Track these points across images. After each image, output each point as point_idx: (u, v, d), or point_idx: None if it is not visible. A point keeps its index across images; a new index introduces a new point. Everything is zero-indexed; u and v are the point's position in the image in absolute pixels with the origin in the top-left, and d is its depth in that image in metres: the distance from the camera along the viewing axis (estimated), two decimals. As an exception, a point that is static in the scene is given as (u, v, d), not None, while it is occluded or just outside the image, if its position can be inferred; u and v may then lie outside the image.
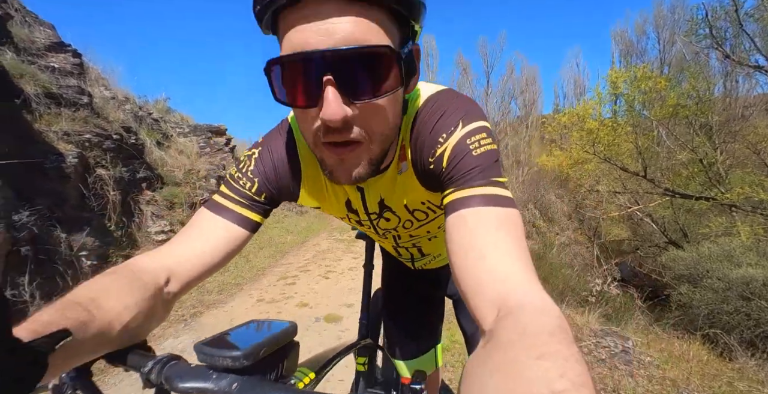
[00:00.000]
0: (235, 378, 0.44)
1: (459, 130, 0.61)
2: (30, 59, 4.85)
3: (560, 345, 0.33)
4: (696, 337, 4.62)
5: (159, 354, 0.50)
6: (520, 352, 0.32)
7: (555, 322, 0.37)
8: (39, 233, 3.40)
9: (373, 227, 0.89)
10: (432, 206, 0.79)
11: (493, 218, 0.53)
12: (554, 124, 11.69)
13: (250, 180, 0.73)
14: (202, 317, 3.86)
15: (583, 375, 0.29)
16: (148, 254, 0.65)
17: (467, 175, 0.58)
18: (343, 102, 0.49)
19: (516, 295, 0.43)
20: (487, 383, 0.32)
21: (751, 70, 8.32)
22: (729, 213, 8.12)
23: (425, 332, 1.32)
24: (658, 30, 18.95)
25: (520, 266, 0.48)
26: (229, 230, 0.69)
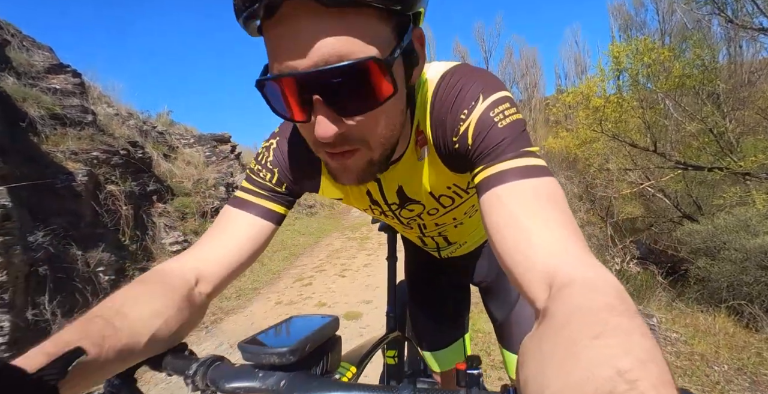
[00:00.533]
0: (283, 375, 0.43)
1: (480, 104, 0.57)
2: (31, 82, 4.91)
3: (621, 318, 0.31)
4: (720, 310, 4.56)
5: (201, 356, 0.50)
6: (578, 330, 0.30)
7: (612, 294, 0.35)
8: (55, 252, 3.46)
9: (397, 218, 0.86)
10: (458, 190, 0.76)
11: (530, 190, 0.50)
12: (558, 105, 11.56)
13: (269, 171, 0.71)
14: (222, 324, 3.91)
15: (651, 349, 0.27)
16: (175, 258, 0.64)
17: (496, 149, 0.55)
18: (334, 119, 0.48)
19: (568, 269, 0.41)
20: (544, 369, 0.29)
21: (756, 33, 8.11)
22: (743, 182, 7.96)
23: (452, 323, 1.32)
24: (656, 1, 18.58)
25: (568, 238, 0.45)
26: (253, 224, 0.68)
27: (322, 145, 0.53)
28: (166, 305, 0.54)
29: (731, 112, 9.13)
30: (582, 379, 0.25)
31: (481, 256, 1.17)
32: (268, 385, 0.43)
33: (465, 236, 1.05)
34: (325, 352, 0.49)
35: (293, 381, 0.42)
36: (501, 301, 1.19)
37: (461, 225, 0.96)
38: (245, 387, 0.43)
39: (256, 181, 0.72)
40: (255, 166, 0.73)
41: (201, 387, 0.46)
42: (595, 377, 0.25)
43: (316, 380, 0.43)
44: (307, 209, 11.13)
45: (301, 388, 0.41)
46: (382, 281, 4.71)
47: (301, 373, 0.44)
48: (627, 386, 0.24)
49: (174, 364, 0.51)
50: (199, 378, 0.46)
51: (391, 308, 1.38)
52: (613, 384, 0.24)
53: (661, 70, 8.73)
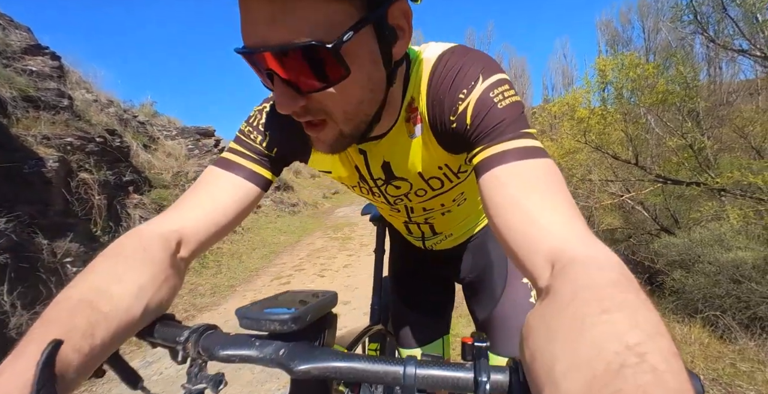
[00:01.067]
0: (282, 344, 0.41)
1: (480, 84, 0.57)
2: (5, 62, 4.69)
3: (626, 294, 0.31)
4: (695, 320, 4.63)
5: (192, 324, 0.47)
6: (584, 307, 0.30)
7: (616, 270, 0.35)
8: (19, 240, 3.27)
9: (383, 195, 0.84)
10: (449, 172, 0.75)
11: (530, 171, 0.51)
12: (544, 114, 11.71)
13: (261, 134, 0.70)
14: (195, 321, 3.78)
15: (657, 323, 0.27)
16: (153, 220, 0.61)
17: (495, 129, 0.55)
18: (291, 95, 0.49)
19: (571, 247, 0.41)
20: (552, 346, 0.29)
21: (735, 55, 8.38)
22: (719, 198, 8.17)
23: (433, 319, 1.27)
24: (642, 19, 19.12)
25: (570, 218, 0.45)
26: (239, 186, 0.66)
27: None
28: (151, 277, 0.51)
29: (710, 130, 9.39)
30: (592, 353, 0.26)
31: (466, 251, 1.16)
32: (266, 353, 0.41)
33: (451, 227, 1.03)
34: (324, 326, 0.48)
35: (293, 350, 0.40)
36: (484, 299, 1.17)
37: (449, 213, 0.95)
38: (242, 355, 0.41)
39: (245, 143, 0.69)
40: (246, 128, 0.71)
41: (192, 355, 0.44)
42: (605, 351, 0.25)
43: (318, 350, 0.41)
44: (290, 207, 10.96)
45: (303, 357, 0.39)
46: (361, 282, 4.68)
47: (302, 343, 0.42)
48: (637, 359, 0.24)
49: (164, 333, 0.48)
50: (191, 346, 0.44)
51: (375, 300, 1.37)
52: (623, 357, 0.24)
53: (645, 86, 8.94)
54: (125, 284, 0.48)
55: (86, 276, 0.49)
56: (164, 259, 0.54)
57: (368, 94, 0.55)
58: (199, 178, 0.68)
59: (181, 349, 0.44)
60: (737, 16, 7.78)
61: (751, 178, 6.80)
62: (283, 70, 0.47)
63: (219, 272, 5.29)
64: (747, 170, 7.05)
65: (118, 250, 0.54)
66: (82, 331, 0.40)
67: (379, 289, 1.39)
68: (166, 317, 0.52)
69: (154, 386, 2.62)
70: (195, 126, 9.53)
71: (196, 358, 0.44)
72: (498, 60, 5.50)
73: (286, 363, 0.39)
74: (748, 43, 7.80)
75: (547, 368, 0.28)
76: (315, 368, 0.39)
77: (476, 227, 1.11)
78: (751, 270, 5.93)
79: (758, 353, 3.51)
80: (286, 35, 0.44)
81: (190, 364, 0.45)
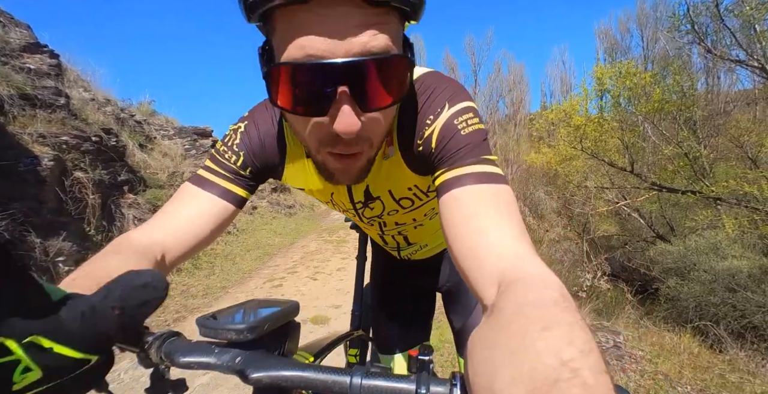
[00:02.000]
0: (239, 352, 0.42)
1: (446, 111, 0.61)
2: (3, 60, 4.69)
3: (564, 314, 0.32)
4: (686, 329, 4.64)
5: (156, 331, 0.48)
6: (525, 324, 0.32)
7: (557, 292, 0.36)
8: (11, 238, 3.27)
9: (358, 216, 0.87)
10: (418, 192, 0.77)
11: (486, 195, 0.53)
12: (541, 121, 11.76)
13: (235, 153, 0.71)
14: (185, 322, 3.76)
15: (589, 342, 0.29)
16: (139, 229, 0.63)
17: (457, 154, 0.58)
18: (357, 113, 0.48)
19: (516, 268, 0.43)
20: (494, 359, 0.31)
21: (732, 65, 8.42)
22: (714, 206, 8.20)
23: (413, 326, 1.29)
24: (641, 28, 19.21)
25: (518, 241, 0.48)
26: (214, 204, 0.68)
27: (332, 146, 0.52)
28: None
29: (706, 139, 9.44)
30: (532, 368, 0.27)
31: (443, 261, 1.19)
32: (223, 361, 0.42)
33: (425, 238, 1.05)
34: (284, 335, 0.49)
35: (249, 358, 0.41)
36: (460, 307, 1.21)
37: (421, 227, 0.97)
38: (200, 362, 0.42)
39: (220, 162, 0.71)
40: (221, 148, 0.72)
41: (155, 361, 0.44)
42: (545, 366, 0.27)
43: (273, 358, 0.42)
44: (286, 209, 10.96)
45: (256, 365, 0.40)
46: (353, 286, 4.65)
47: (259, 352, 0.43)
48: (570, 374, 0.25)
49: (129, 338, 0.47)
50: (154, 352, 0.44)
51: (356, 306, 1.39)
52: (558, 372, 0.26)
53: (642, 94, 8.98)
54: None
55: (96, 265, 0.50)
56: (155, 266, 0.56)
57: (392, 118, 0.58)
58: (176, 194, 0.69)
59: (143, 355, 0.45)
60: (735, 26, 7.82)
61: (746, 188, 6.82)
62: (361, 83, 0.46)
63: (212, 273, 5.27)
64: (743, 179, 7.08)
65: (121, 248, 0.56)
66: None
67: (360, 295, 1.41)
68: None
69: (144, 387, 2.62)
70: (193, 126, 9.52)
71: (159, 363, 0.45)
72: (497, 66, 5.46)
73: (241, 371, 0.40)
74: (746, 54, 7.86)
75: (488, 381, 0.29)
76: (267, 376, 0.40)
77: None
78: (747, 279, 5.94)
79: (748, 363, 3.51)
80: (375, 46, 0.44)
81: (153, 369, 0.46)
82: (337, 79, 0.45)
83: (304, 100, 0.48)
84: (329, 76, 0.45)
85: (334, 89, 0.45)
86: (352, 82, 0.45)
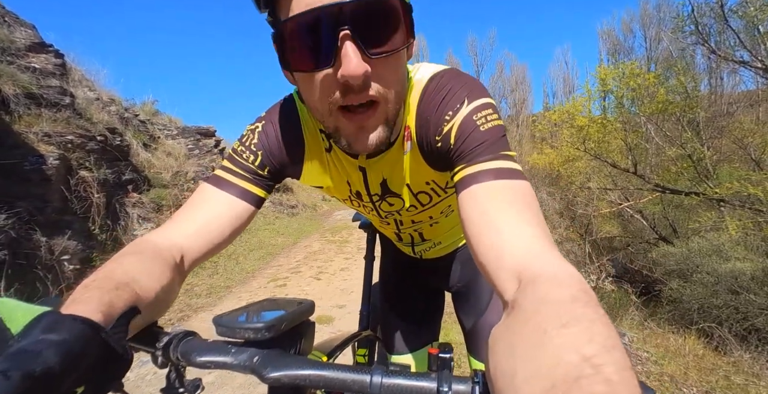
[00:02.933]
0: (256, 351, 0.42)
1: (465, 107, 0.60)
2: (9, 59, 4.71)
3: (585, 309, 0.32)
4: (691, 331, 4.63)
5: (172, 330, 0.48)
6: (545, 320, 0.31)
7: (577, 287, 0.36)
8: (17, 236, 3.28)
9: (376, 210, 0.86)
10: (436, 188, 0.78)
11: (505, 191, 0.53)
12: (544, 122, 11.75)
13: (253, 153, 0.71)
14: (190, 321, 3.77)
15: (612, 338, 0.29)
16: (157, 231, 0.63)
17: (476, 150, 0.58)
18: (363, 56, 0.48)
19: (536, 264, 0.42)
20: (514, 356, 0.30)
21: (736, 66, 8.41)
22: (717, 208, 8.18)
23: (422, 326, 1.29)
24: (644, 28, 19.19)
25: (537, 236, 0.47)
26: (232, 205, 0.67)
27: (344, 96, 0.51)
28: (167, 280, 0.53)
29: (709, 140, 9.41)
30: (551, 364, 0.27)
31: (454, 261, 1.18)
32: (240, 360, 0.42)
33: (440, 235, 1.06)
34: (300, 334, 0.49)
35: (266, 357, 0.41)
36: (471, 307, 1.20)
37: (437, 224, 0.97)
38: (217, 361, 0.42)
39: (238, 162, 0.71)
40: (238, 148, 0.72)
41: (171, 360, 0.44)
42: (565, 362, 0.26)
43: (290, 357, 0.42)
44: (288, 209, 10.97)
45: (274, 364, 0.40)
46: (357, 286, 4.64)
47: (275, 351, 0.43)
48: (592, 370, 0.25)
49: (142, 338, 0.48)
50: (170, 351, 0.44)
51: (365, 306, 1.38)
52: (580, 368, 0.25)
53: (645, 95, 8.97)
54: (151, 279, 0.50)
55: (116, 265, 0.51)
56: (173, 268, 0.56)
57: (405, 77, 0.59)
58: (194, 195, 0.69)
59: (159, 354, 0.45)
60: (738, 27, 7.81)
61: (750, 189, 6.80)
62: (363, 25, 0.47)
63: (215, 273, 5.28)
64: (746, 181, 7.05)
65: (140, 249, 0.56)
66: (125, 302, 0.42)
67: (368, 295, 1.40)
68: (152, 324, 0.53)
69: (147, 386, 2.63)
70: (196, 126, 9.54)
71: (175, 363, 0.45)
72: (499, 67, 5.48)
73: (258, 370, 0.40)
74: (749, 55, 7.84)
75: (509, 378, 0.29)
76: (286, 375, 0.40)
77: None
78: (750, 281, 5.92)
79: (753, 365, 3.50)
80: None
81: (169, 369, 0.46)
82: (338, 22, 0.46)
83: (309, 53, 0.50)
84: (330, 21, 0.46)
85: (336, 34, 0.47)
86: (352, 24, 0.46)
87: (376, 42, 0.49)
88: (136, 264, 0.51)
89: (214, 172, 0.72)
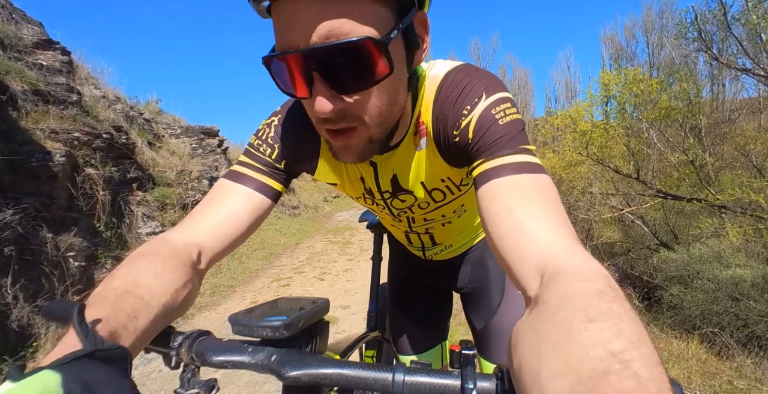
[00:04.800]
0: (274, 350, 0.42)
1: (483, 101, 0.60)
2: (16, 56, 4.73)
3: (611, 304, 0.32)
4: (693, 336, 4.63)
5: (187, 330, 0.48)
6: (571, 315, 0.31)
7: (602, 281, 0.36)
8: (24, 232, 3.29)
9: (388, 208, 0.86)
10: (451, 185, 0.77)
11: (526, 185, 0.53)
12: (547, 126, 11.76)
13: (270, 146, 0.71)
14: (194, 320, 3.78)
15: (640, 332, 0.28)
16: (176, 229, 0.63)
17: (495, 144, 0.57)
18: (332, 96, 0.50)
19: (559, 259, 0.42)
20: (539, 352, 0.30)
21: (738, 73, 8.45)
22: (719, 215, 8.19)
23: (431, 327, 1.29)
24: (647, 34, 19.26)
25: (560, 231, 0.47)
26: (250, 198, 0.67)
27: (323, 123, 0.55)
28: (182, 280, 0.53)
29: (711, 147, 9.44)
30: (578, 360, 0.26)
31: (464, 263, 1.18)
32: (258, 359, 0.41)
33: (451, 238, 1.05)
34: (315, 333, 0.49)
35: (285, 356, 0.41)
36: (481, 309, 1.19)
37: (449, 224, 0.96)
38: (233, 361, 0.42)
39: (255, 156, 0.71)
40: (255, 142, 0.73)
41: (186, 360, 0.44)
42: (591, 358, 0.26)
43: (309, 356, 0.41)
44: (290, 209, 10.98)
45: (294, 363, 0.40)
46: (361, 287, 4.67)
47: (293, 350, 0.43)
48: (621, 365, 0.25)
49: (156, 339, 0.47)
50: (185, 351, 0.44)
51: (373, 307, 1.38)
52: (607, 364, 0.25)
53: (648, 101, 8.99)
54: (163, 281, 0.50)
55: (126, 270, 0.51)
56: (190, 267, 0.57)
57: (399, 97, 0.58)
58: (211, 191, 0.69)
59: (174, 354, 0.45)
60: (741, 35, 7.85)
61: (752, 196, 6.82)
62: (330, 68, 0.49)
63: (219, 272, 5.29)
64: (748, 188, 7.07)
65: (155, 250, 0.56)
66: (127, 312, 0.42)
67: (376, 296, 1.40)
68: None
69: (153, 384, 2.63)
70: (199, 125, 9.53)
71: (189, 363, 0.45)
72: (502, 70, 5.54)
73: (277, 369, 0.40)
74: (752, 62, 7.87)
75: (534, 374, 0.29)
76: (306, 374, 0.39)
77: (475, 238, 1.13)
78: (750, 288, 5.92)
79: (755, 370, 3.51)
80: (338, 32, 0.46)
81: (183, 369, 0.46)
82: (309, 66, 0.49)
83: (292, 86, 0.52)
84: (303, 64, 0.49)
85: (310, 74, 0.49)
86: (321, 68, 0.49)
87: (347, 82, 0.50)
88: (147, 267, 0.51)
89: (230, 168, 0.72)
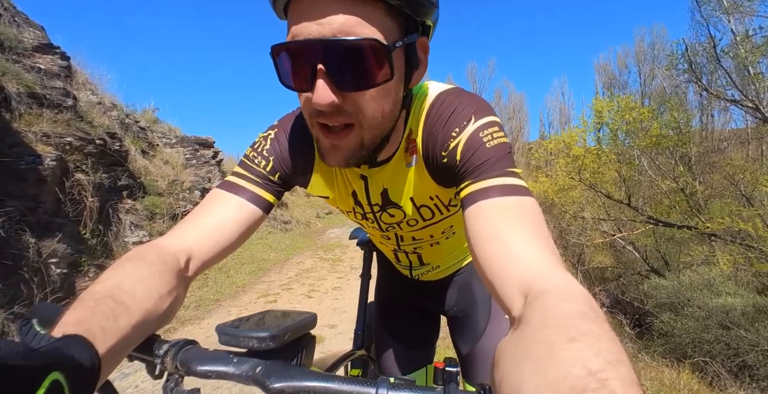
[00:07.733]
0: (259, 362, 0.42)
1: (472, 124, 0.62)
2: (15, 58, 4.71)
3: (591, 325, 0.32)
4: (684, 365, 4.57)
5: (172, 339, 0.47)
6: (552, 335, 0.32)
7: (583, 303, 0.36)
8: (6, 236, 3.19)
9: (377, 221, 0.87)
10: (439, 204, 0.79)
11: (511, 207, 0.54)
12: (540, 150, 11.92)
13: (265, 158, 0.73)
14: (176, 333, 3.65)
15: (618, 352, 0.29)
16: (167, 236, 0.64)
17: (482, 167, 0.59)
18: (333, 90, 0.52)
19: (542, 280, 0.43)
20: (521, 369, 0.31)
21: (727, 104, 8.67)
22: (709, 242, 8.26)
23: (417, 349, 1.26)
24: (638, 64, 19.87)
25: (544, 252, 0.48)
26: (242, 208, 0.68)
27: (317, 116, 0.56)
28: (168, 287, 0.53)
29: (701, 175, 9.60)
30: (558, 377, 0.27)
31: (451, 285, 1.18)
32: (243, 370, 0.41)
33: (439, 259, 1.06)
34: (301, 347, 0.49)
35: (270, 368, 0.41)
36: (467, 333, 1.18)
37: (437, 245, 0.97)
38: (218, 371, 0.42)
39: (250, 167, 0.73)
40: (251, 153, 0.75)
41: (170, 369, 0.43)
42: (570, 376, 0.27)
43: (294, 369, 0.41)
44: (282, 224, 10.86)
45: (278, 375, 0.40)
46: (349, 306, 4.57)
47: (278, 362, 0.42)
48: (598, 384, 0.25)
49: (140, 347, 0.46)
50: (169, 360, 0.43)
51: (360, 326, 1.36)
52: (586, 382, 0.26)
53: (640, 129, 9.18)
54: (147, 287, 0.50)
55: (111, 274, 0.50)
56: (177, 274, 0.57)
57: (394, 107, 0.60)
58: (205, 200, 0.71)
59: (159, 362, 0.44)
60: (730, 68, 8.10)
61: (741, 225, 6.89)
62: (335, 62, 0.50)
63: (205, 285, 5.16)
64: (737, 217, 7.15)
65: (142, 255, 0.56)
66: (105, 315, 0.42)
67: (363, 314, 1.39)
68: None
69: None
70: (195, 136, 9.50)
71: (173, 373, 0.44)
72: (498, 95, 5.64)
73: (261, 381, 0.40)
74: (740, 94, 8.10)
75: (515, 390, 0.29)
76: (290, 386, 0.39)
77: (463, 261, 1.13)
78: (740, 317, 5.91)
79: (748, 402, 3.45)
80: (349, 29, 0.49)
81: (166, 379, 0.45)
82: (314, 57, 0.50)
83: (294, 76, 0.54)
84: (309, 54, 0.51)
85: (315, 66, 0.51)
86: (327, 61, 0.50)
87: (349, 78, 0.52)
88: (133, 272, 0.51)
89: (225, 179, 0.74)
